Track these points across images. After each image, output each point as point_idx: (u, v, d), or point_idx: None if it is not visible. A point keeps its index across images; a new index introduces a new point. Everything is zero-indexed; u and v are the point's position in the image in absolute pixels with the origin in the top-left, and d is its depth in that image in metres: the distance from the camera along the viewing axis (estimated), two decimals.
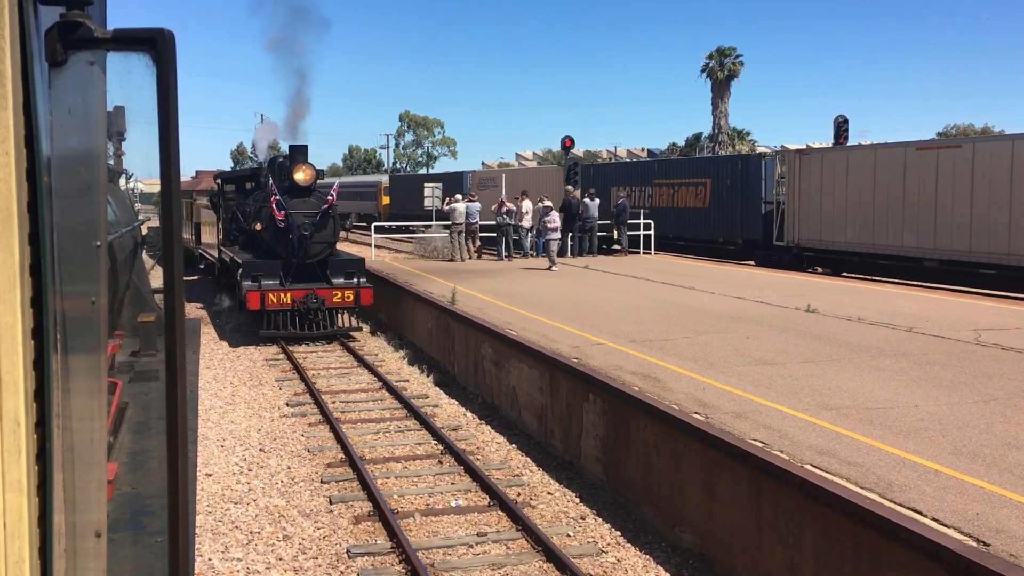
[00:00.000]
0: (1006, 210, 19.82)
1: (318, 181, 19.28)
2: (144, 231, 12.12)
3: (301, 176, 18.47)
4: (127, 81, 1.81)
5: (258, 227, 18.81)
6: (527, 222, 26.94)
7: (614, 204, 28.90)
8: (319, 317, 18.11)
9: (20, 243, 1.36)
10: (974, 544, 5.46)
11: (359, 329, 19.56)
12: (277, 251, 18.45)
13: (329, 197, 18.79)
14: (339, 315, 19.10)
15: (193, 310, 21.50)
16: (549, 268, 22.77)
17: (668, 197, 31.59)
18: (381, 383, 14.78)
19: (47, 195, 1.46)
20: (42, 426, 1.41)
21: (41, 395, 1.42)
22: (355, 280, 18.64)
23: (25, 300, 1.38)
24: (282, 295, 17.71)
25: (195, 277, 29.51)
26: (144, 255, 11.63)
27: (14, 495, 1.32)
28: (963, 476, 6.57)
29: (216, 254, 24.80)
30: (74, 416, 1.62)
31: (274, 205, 17.97)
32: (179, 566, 1.55)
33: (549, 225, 23.74)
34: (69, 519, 1.60)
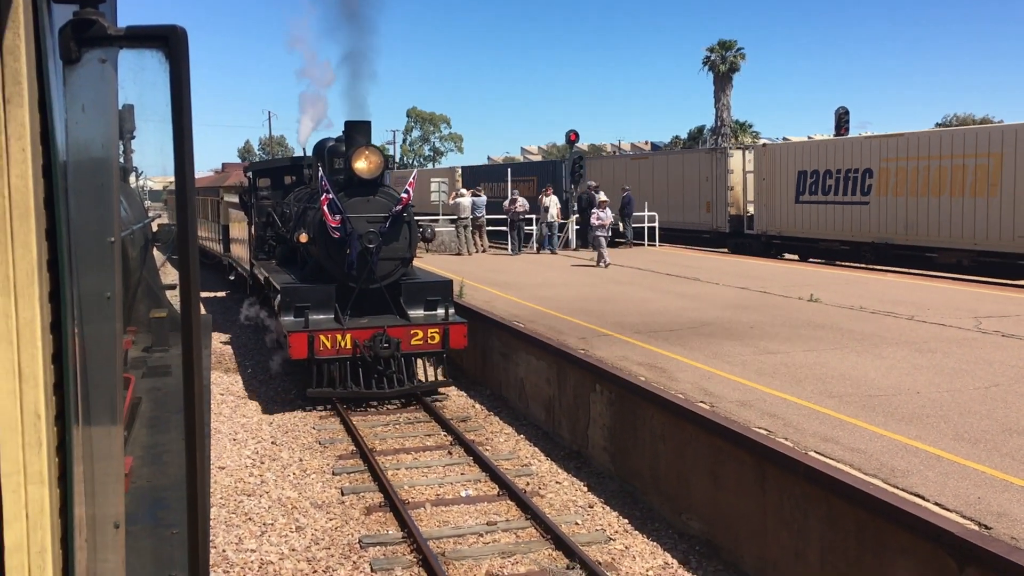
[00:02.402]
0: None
1: (386, 172, 13.66)
2: (155, 228, 12.22)
3: (364, 165, 12.63)
4: (139, 78, 1.81)
5: (303, 238, 13.15)
6: (552, 217, 26.41)
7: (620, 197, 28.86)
8: (392, 368, 12.37)
9: (38, 239, 1.38)
10: (976, 528, 5.52)
11: (448, 384, 13.30)
12: (330, 272, 12.82)
13: (404, 194, 12.86)
14: (419, 362, 13.39)
15: (217, 345, 17.19)
16: (597, 265, 21.63)
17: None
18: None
19: (63, 191, 1.47)
20: (62, 419, 1.45)
21: (60, 389, 1.46)
22: (441, 312, 12.92)
23: (43, 295, 1.40)
24: (339, 337, 12.08)
25: (221, 294, 24.18)
26: (155, 252, 11.72)
27: (36, 487, 1.36)
28: (965, 461, 6.63)
29: (247, 267, 18.68)
30: (92, 409, 1.67)
31: (325, 207, 12.23)
32: (198, 557, 1.60)
33: (596, 221, 22.43)
34: (88, 511, 1.64)
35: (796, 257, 26.37)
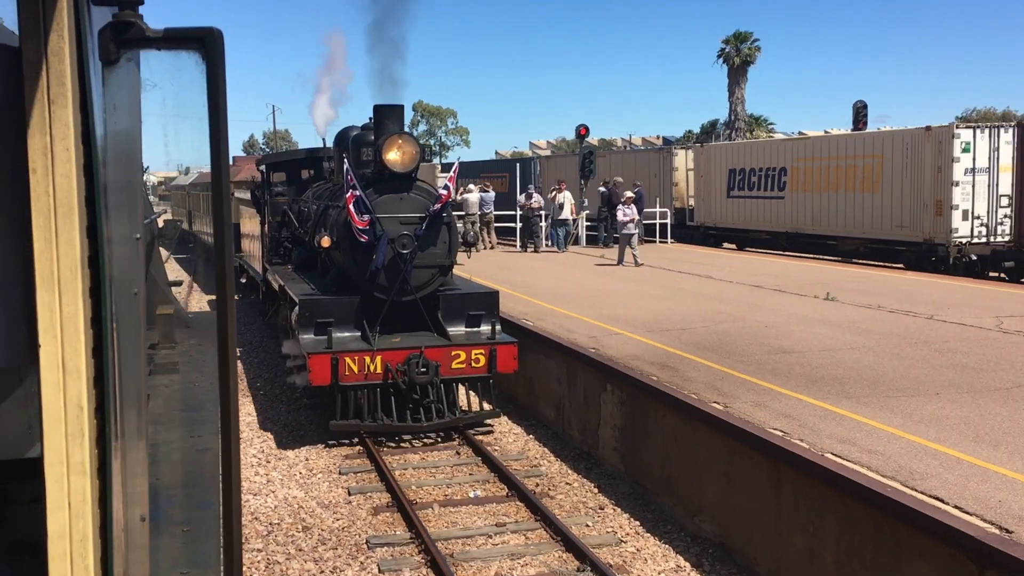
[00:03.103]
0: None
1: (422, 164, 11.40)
2: (160, 224, 12.25)
3: (397, 156, 10.81)
4: (171, 76, 1.83)
5: (325, 242, 11.27)
6: (566, 213, 25.89)
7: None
8: (430, 396, 10.71)
9: (80, 236, 1.41)
10: (996, 531, 5.45)
11: (497, 414, 11.61)
12: (356, 281, 11.08)
13: (443, 191, 11.22)
14: (460, 388, 11.55)
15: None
16: (619, 263, 20.93)
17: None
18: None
19: (103, 190, 1.50)
20: (101, 411, 1.46)
21: (100, 381, 1.46)
22: (486, 328, 11.17)
23: (85, 290, 1.42)
24: (367, 360, 10.31)
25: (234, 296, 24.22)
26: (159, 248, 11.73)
27: (78, 477, 1.36)
28: (985, 464, 6.57)
29: (260, 271, 17.38)
30: (124, 403, 1.65)
31: (351, 206, 10.52)
32: (233, 551, 1.58)
33: (624, 218, 21.23)
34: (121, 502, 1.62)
35: (735, 247, 29.34)
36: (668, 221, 28.63)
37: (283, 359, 14.29)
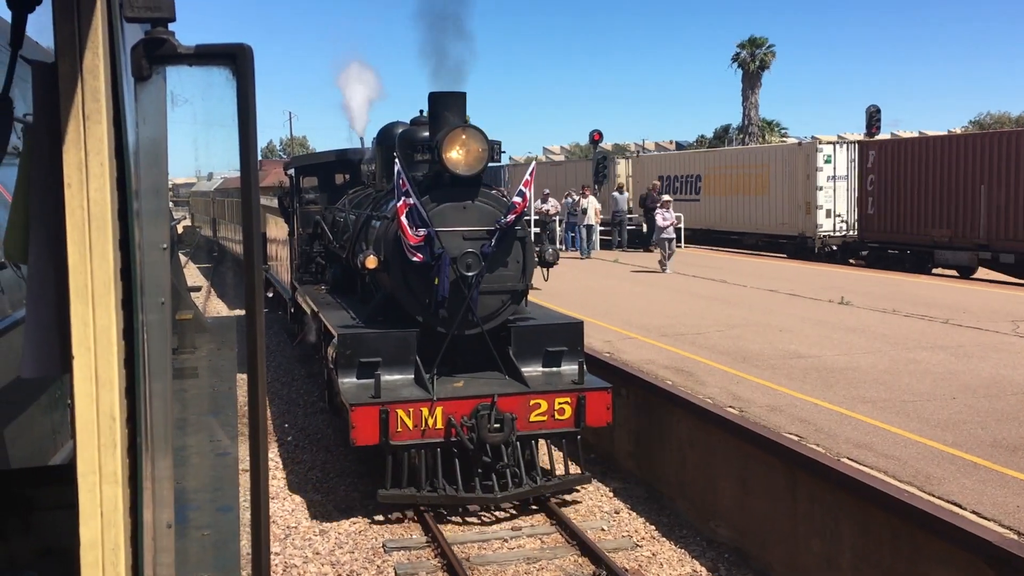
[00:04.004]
0: None
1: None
2: (180, 230, 12.31)
3: (459, 155, 8.77)
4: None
5: (371, 263, 9.02)
6: (589, 219, 25.62)
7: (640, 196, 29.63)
8: (504, 460, 8.41)
9: (113, 248, 1.44)
10: (1015, 537, 5.43)
11: (587, 480, 9.10)
12: (406, 310, 8.96)
13: (517, 198, 8.92)
14: (540, 444, 9.03)
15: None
16: (663, 270, 20.21)
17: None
18: None
19: (135, 202, 1.53)
20: (132, 421, 1.49)
21: (131, 392, 1.49)
22: (568, 368, 9.05)
23: (118, 302, 1.45)
24: (425, 412, 8.23)
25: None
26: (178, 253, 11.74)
27: (110, 486, 1.39)
28: (1003, 469, 6.54)
29: (288, 287, 15.67)
30: (153, 411, 1.69)
31: (403, 218, 8.49)
32: (261, 554, 1.61)
33: (663, 222, 20.64)
34: (151, 510, 1.65)
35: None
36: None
37: (324, 402, 11.60)
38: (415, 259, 8.53)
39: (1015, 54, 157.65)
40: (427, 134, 9.63)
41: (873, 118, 29.09)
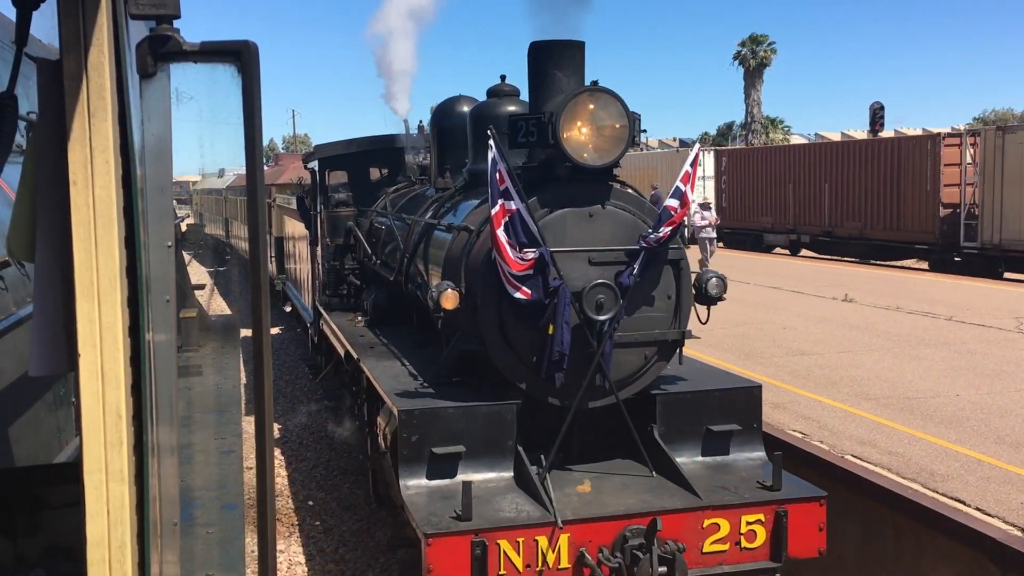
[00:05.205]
0: None
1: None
2: (183, 228, 12.25)
3: (586, 135, 5.51)
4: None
5: (449, 302, 5.56)
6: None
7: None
8: None
9: (119, 246, 1.43)
10: (1020, 533, 5.43)
11: None
12: (503, 371, 5.58)
13: (673, 202, 5.61)
14: None
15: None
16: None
17: None
18: None
19: (140, 200, 1.53)
20: (138, 419, 1.48)
21: (137, 389, 1.48)
22: (747, 457, 5.86)
23: (123, 300, 1.45)
24: (542, 542, 4.86)
25: (274, 330, 17.14)
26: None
27: (116, 484, 1.38)
28: (1007, 466, 6.53)
29: (309, 308, 12.76)
30: (159, 410, 1.68)
31: (500, 232, 5.20)
32: (267, 550, 1.61)
33: (702, 221, 20.28)
34: (157, 508, 1.65)
35: None
36: None
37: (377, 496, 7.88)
38: (518, 295, 5.33)
39: (1019, 51, 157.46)
40: (514, 108, 6.98)
41: (877, 115, 29.11)
